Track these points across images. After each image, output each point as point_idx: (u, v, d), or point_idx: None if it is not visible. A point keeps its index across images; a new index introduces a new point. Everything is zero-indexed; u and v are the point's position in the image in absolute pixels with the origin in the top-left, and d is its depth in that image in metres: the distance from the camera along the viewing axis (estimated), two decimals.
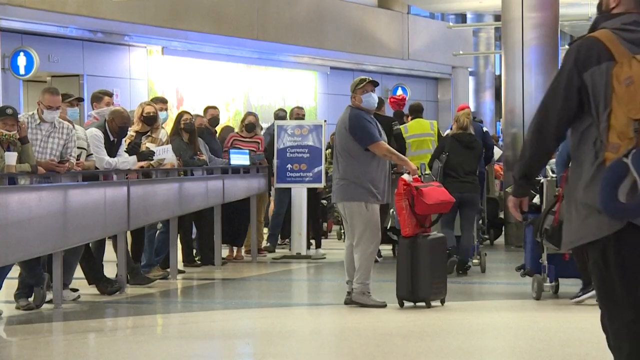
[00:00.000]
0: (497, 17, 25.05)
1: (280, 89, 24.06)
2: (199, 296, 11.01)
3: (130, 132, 11.16)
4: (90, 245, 10.26)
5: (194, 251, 13.05)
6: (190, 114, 12.86)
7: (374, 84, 9.46)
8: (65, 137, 9.58)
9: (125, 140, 10.85)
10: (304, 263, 13.48)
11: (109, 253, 10.97)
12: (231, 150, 13.47)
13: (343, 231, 9.79)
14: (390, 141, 10.84)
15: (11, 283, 9.49)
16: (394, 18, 27.12)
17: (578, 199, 4.28)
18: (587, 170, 4.23)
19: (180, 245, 12.42)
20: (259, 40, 22.20)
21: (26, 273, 9.25)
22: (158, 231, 11.71)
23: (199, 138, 12.74)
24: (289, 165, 13.72)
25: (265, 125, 17.44)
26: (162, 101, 12.56)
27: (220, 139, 14.01)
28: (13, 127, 8.93)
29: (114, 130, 10.53)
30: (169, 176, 11.48)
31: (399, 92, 25.95)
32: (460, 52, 28.21)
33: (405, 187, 9.17)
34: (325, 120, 14.61)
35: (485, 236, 15.15)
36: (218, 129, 14.45)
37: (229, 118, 21.76)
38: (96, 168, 10.28)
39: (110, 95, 11.43)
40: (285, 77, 24.25)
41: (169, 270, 11.57)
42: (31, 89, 18.55)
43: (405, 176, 9.24)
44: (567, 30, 29.98)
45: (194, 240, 13.17)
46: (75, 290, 9.96)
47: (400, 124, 12.96)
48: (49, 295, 9.35)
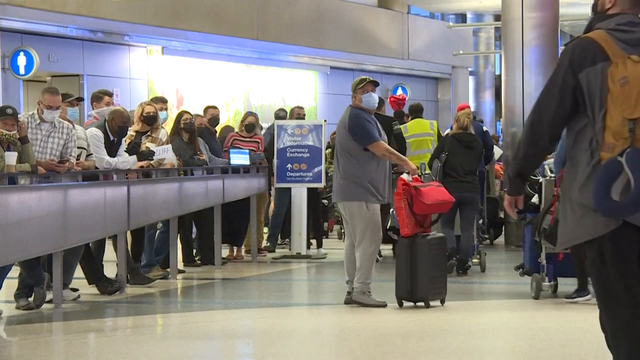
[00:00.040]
0: (497, 17, 25.04)
1: (280, 89, 24.05)
2: (199, 296, 11.01)
3: (130, 132, 11.16)
4: (90, 245, 10.26)
5: (194, 251, 13.05)
6: (190, 114, 12.85)
7: (375, 83, 9.45)
8: (65, 137, 9.58)
9: (125, 140, 10.85)
10: (304, 263, 13.48)
11: (109, 253, 10.97)
12: (231, 150, 13.47)
13: (343, 231, 9.78)
14: (390, 141, 10.84)
15: (11, 283, 9.48)
16: (394, 18, 27.11)
17: (574, 198, 4.29)
18: (583, 170, 4.24)
19: (180, 245, 12.42)
20: (259, 40, 22.19)
21: (26, 273, 9.25)
22: (158, 231, 11.71)
23: (199, 138, 12.74)
24: (289, 165, 13.71)
25: (265, 125, 17.43)
26: (162, 101, 12.56)
27: (220, 139, 14.01)
28: (13, 127, 8.93)
29: (114, 130, 10.53)
30: (169, 176, 11.47)
31: (399, 92, 25.93)
32: (460, 52, 28.21)
33: (404, 187, 9.16)
34: (325, 120, 14.61)
35: (485, 236, 15.15)
36: (218, 128, 14.45)
37: (229, 118, 21.75)
38: (96, 168, 10.28)
39: (110, 95, 11.43)
40: (285, 77, 24.24)
41: (169, 270, 11.57)
42: (31, 89, 18.55)
43: (405, 176, 9.23)
44: (567, 30, 29.96)
45: (194, 240, 13.17)
46: (75, 290, 9.95)
47: (401, 124, 12.97)
48: (49, 295, 9.34)
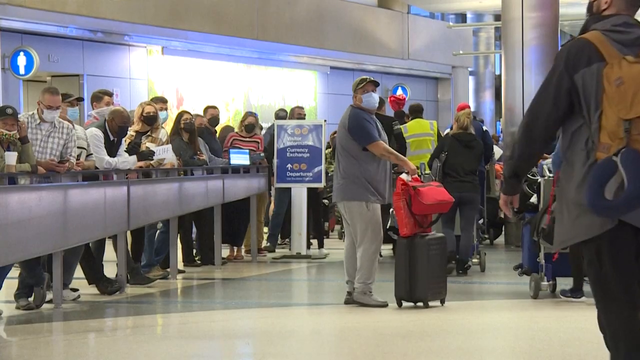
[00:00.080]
0: (497, 17, 25.03)
1: (280, 88, 24.05)
2: (199, 296, 11.01)
3: (130, 132, 11.17)
4: (90, 245, 10.26)
5: (194, 251, 13.05)
6: (190, 114, 12.85)
7: (375, 83, 9.45)
8: (65, 137, 9.58)
9: (125, 140, 10.85)
10: (304, 263, 13.48)
11: (109, 253, 10.97)
12: (231, 150, 13.47)
13: (343, 231, 9.77)
14: (390, 141, 10.83)
15: (11, 283, 9.48)
16: (394, 18, 27.11)
17: (570, 198, 4.29)
18: (579, 171, 4.25)
19: (180, 245, 12.42)
20: (259, 40, 22.18)
21: (26, 273, 9.25)
22: (158, 231, 11.71)
23: (199, 138, 12.74)
24: (289, 165, 13.71)
25: (266, 125, 17.43)
26: (162, 101, 12.56)
27: (220, 139, 14.01)
28: (13, 127, 8.94)
29: (114, 130, 10.53)
30: (169, 176, 11.48)
31: (399, 92, 25.93)
32: (460, 52, 28.20)
33: (402, 187, 9.16)
34: (325, 120, 14.61)
35: (485, 236, 15.15)
36: (218, 128, 14.45)
37: (229, 118, 21.74)
38: (96, 168, 10.28)
39: (110, 95, 11.43)
40: (285, 77, 24.23)
41: (169, 270, 11.57)
42: (31, 89, 18.54)
43: (404, 176, 9.22)
44: (567, 30, 29.95)
45: (194, 240, 13.17)
46: (75, 290, 9.95)
47: (401, 124, 12.97)
48: (49, 295, 9.34)
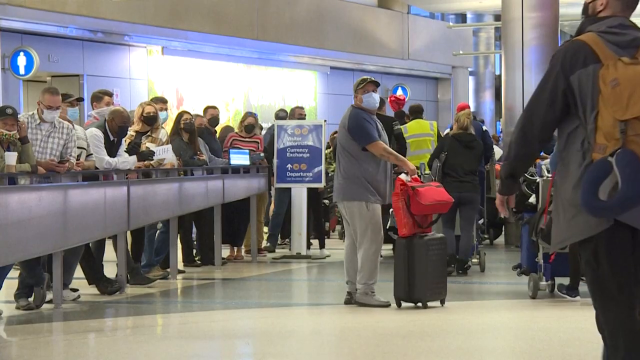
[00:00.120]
0: (497, 17, 25.04)
1: (280, 89, 24.05)
2: (199, 296, 11.01)
3: (130, 132, 11.17)
4: (90, 245, 10.26)
5: (194, 251, 13.05)
6: (190, 114, 12.85)
7: (376, 84, 9.45)
8: (65, 137, 9.58)
9: (125, 140, 10.85)
10: (304, 263, 13.48)
11: (109, 253, 10.97)
12: (231, 150, 13.47)
13: (344, 231, 9.77)
14: (390, 141, 10.83)
15: (11, 283, 9.48)
16: (394, 18, 27.11)
17: (566, 199, 4.30)
18: (575, 171, 4.26)
19: (180, 245, 12.42)
20: (259, 40, 22.18)
21: (26, 273, 9.25)
22: (158, 231, 11.71)
23: (199, 138, 12.74)
24: (289, 165, 13.71)
25: (265, 125, 17.42)
26: (162, 101, 12.56)
27: (220, 139, 14.01)
28: (13, 127, 8.94)
29: (114, 130, 10.53)
30: (169, 176, 11.48)
31: (399, 92, 25.93)
32: (460, 52, 28.20)
33: (401, 187, 9.15)
34: (325, 120, 14.61)
35: (485, 236, 15.15)
36: (218, 129, 14.44)
37: (229, 118, 21.74)
38: (96, 168, 10.28)
39: (110, 95, 11.43)
40: (285, 77, 24.23)
41: (169, 270, 11.57)
42: (31, 89, 18.54)
43: (403, 176, 9.22)
44: (567, 30, 29.95)
45: (194, 241, 13.17)
46: (75, 290, 9.95)
47: (401, 124, 12.96)
48: (49, 295, 9.34)
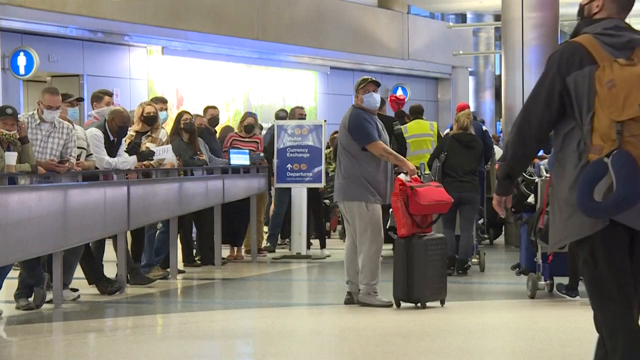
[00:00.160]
0: (497, 17, 25.04)
1: (280, 89, 24.05)
2: (199, 296, 11.01)
3: (130, 132, 11.17)
4: (90, 245, 10.26)
5: (194, 251, 13.05)
6: (190, 114, 12.85)
7: (376, 84, 9.45)
8: (65, 137, 9.58)
9: (125, 140, 10.85)
10: (304, 263, 13.48)
11: (109, 253, 10.97)
12: (231, 150, 13.47)
13: (345, 230, 9.77)
14: (391, 141, 10.83)
15: (11, 283, 9.48)
16: (394, 18, 27.11)
17: (562, 199, 4.31)
18: (571, 172, 4.27)
19: (180, 245, 12.42)
20: (259, 40, 22.18)
21: (26, 273, 9.25)
22: (158, 231, 11.71)
23: (199, 138, 12.74)
24: (289, 165, 13.71)
25: (265, 125, 17.42)
26: (162, 101, 12.56)
27: (220, 139, 14.01)
28: (13, 127, 8.94)
29: (114, 130, 10.53)
30: (169, 176, 11.48)
31: (399, 92, 25.93)
32: (460, 52, 28.20)
33: (400, 187, 9.15)
34: (325, 120, 14.61)
35: (485, 236, 15.15)
36: (218, 129, 14.44)
37: (229, 118, 21.74)
38: (96, 168, 10.28)
39: (110, 95, 11.43)
40: (285, 77, 24.23)
41: (169, 270, 11.57)
42: (31, 89, 18.55)
43: (402, 176, 9.22)
44: (567, 30, 29.93)
45: (194, 241, 13.17)
46: (75, 290, 9.95)
47: (401, 124, 12.96)
48: (49, 295, 9.34)
